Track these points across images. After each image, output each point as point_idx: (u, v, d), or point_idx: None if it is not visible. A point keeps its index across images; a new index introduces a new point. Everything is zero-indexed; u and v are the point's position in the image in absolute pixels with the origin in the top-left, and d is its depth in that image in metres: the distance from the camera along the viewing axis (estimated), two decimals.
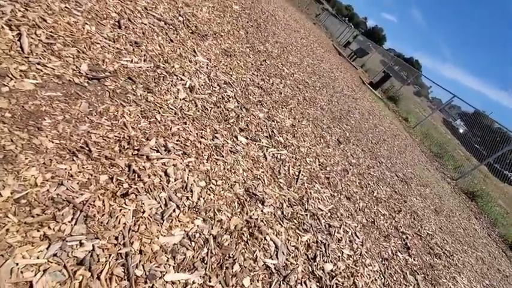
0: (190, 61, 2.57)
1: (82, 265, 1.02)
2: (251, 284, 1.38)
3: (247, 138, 2.30)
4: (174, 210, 1.40)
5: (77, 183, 1.21)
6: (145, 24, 2.46)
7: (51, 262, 0.98)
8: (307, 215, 2.06)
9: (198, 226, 1.42)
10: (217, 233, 1.46)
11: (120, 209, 1.24)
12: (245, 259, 1.46)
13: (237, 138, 2.22)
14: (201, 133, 1.98)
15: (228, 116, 2.36)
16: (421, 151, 8.45)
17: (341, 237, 2.14)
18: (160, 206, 1.37)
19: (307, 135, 3.18)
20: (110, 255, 1.09)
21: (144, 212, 1.29)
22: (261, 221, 1.72)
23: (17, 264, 0.92)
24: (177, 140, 1.77)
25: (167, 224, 1.33)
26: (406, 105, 13.77)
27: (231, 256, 1.42)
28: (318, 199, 2.33)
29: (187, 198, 1.50)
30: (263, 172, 2.11)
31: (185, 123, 1.95)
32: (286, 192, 2.11)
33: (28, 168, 1.13)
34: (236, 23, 4.43)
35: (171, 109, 1.95)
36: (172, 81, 2.18)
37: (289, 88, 3.96)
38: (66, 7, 1.88)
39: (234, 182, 1.83)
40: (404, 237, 2.92)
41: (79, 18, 1.91)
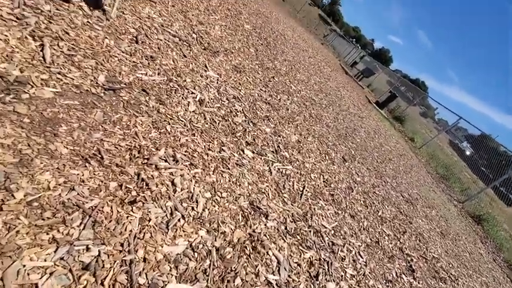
0: (201, 76, 2.66)
1: (87, 270, 1.04)
2: None
3: (253, 152, 2.34)
4: (179, 220, 1.42)
5: (88, 188, 1.25)
6: (161, 40, 2.58)
7: (57, 265, 0.99)
8: (310, 232, 2.05)
9: (202, 237, 1.43)
10: (220, 245, 1.46)
11: (127, 216, 1.26)
12: (247, 273, 1.45)
13: (244, 151, 2.25)
14: (209, 145, 2.02)
15: (236, 130, 2.41)
16: (427, 172, 8.34)
17: (344, 256, 2.11)
18: (166, 215, 1.39)
19: (312, 151, 3.19)
20: (115, 261, 1.11)
21: (150, 220, 1.31)
22: (264, 235, 1.71)
23: (24, 266, 0.94)
24: (185, 151, 1.81)
25: (172, 234, 1.34)
26: (412, 125, 13.72)
27: (233, 269, 1.41)
28: (322, 216, 2.32)
29: (192, 208, 1.52)
30: (268, 186, 2.12)
31: (194, 135, 1.99)
32: (290, 207, 2.11)
33: (42, 172, 1.18)
34: (247, 41, 4.58)
35: (181, 121, 2.01)
36: (183, 94, 2.26)
37: (296, 105, 4.02)
38: (88, 22, 2.00)
39: (239, 195, 1.84)
40: (409, 259, 2.84)
41: (99, 32, 2.02)
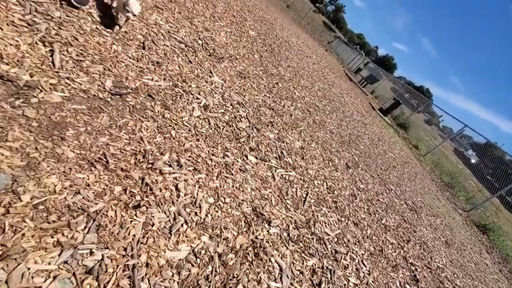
0: (206, 81, 2.69)
1: (90, 274, 1.04)
2: None
3: (256, 157, 2.34)
4: (182, 225, 1.42)
5: (93, 192, 1.26)
6: (167, 46, 2.62)
7: (61, 269, 1.00)
8: (313, 239, 2.04)
9: (205, 243, 1.43)
10: (222, 251, 1.46)
11: (131, 221, 1.27)
12: (249, 280, 1.44)
13: (247, 157, 2.26)
14: (213, 150, 2.03)
15: (239, 135, 2.42)
16: (432, 180, 8.25)
17: (347, 264, 2.09)
18: (169, 220, 1.39)
19: (315, 157, 3.19)
20: (118, 266, 1.11)
21: (154, 225, 1.32)
22: (267, 242, 1.71)
23: (29, 269, 0.95)
24: (189, 156, 1.82)
25: (174, 239, 1.34)
26: (417, 132, 13.63)
27: (235, 276, 1.41)
28: (325, 223, 2.30)
29: (195, 213, 1.52)
30: (271, 192, 2.12)
31: (198, 140, 2.01)
32: (293, 213, 2.10)
33: (49, 175, 1.19)
34: (251, 47, 4.63)
35: (186, 126, 2.03)
36: (188, 99, 2.28)
37: (299, 111, 4.03)
38: (96, 28, 2.04)
39: (242, 201, 1.84)
40: (413, 268, 2.80)
41: (108, 38, 2.06)
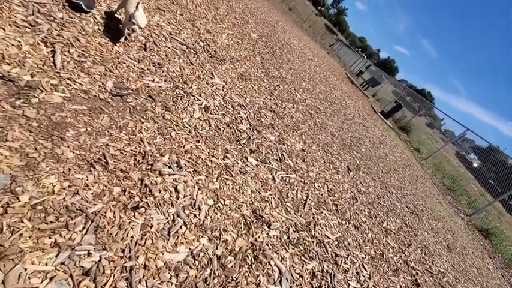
0: (207, 83, 2.69)
1: (87, 276, 1.03)
2: None
3: (257, 159, 2.33)
4: (181, 227, 1.41)
5: (91, 193, 1.25)
6: (168, 47, 2.62)
7: (58, 270, 0.99)
8: (313, 242, 2.02)
9: (203, 245, 1.42)
10: (221, 254, 1.45)
11: (129, 222, 1.26)
12: (248, 283, 1.43)
13: (247, 159, 2.25)
14: (213, 152, 2.02)
15: (240, 137, 2.42)
16: (433, 183, 8.21)
17: (348, 268, 2.07)
18: (168, 222, 1.38)
19: (316, 160, 3.18)
20: (115, 267, 1.10)
21: (152, 227, 1.31)
22: (266, 245, 1.69)
23: (26, 269, 0.94)
24: (189, 158, 1.82)
25: (173, 241, 1.33)
26: (418, 136, 13.59)
27: (234, 279, 1.39)
28: (325, 226, 2.29)
29: (194, 215, 1.51)
30: (271, 195, 2.11)
31: (198, 141, 2.00)
32: (293, 216, 2.09)
33: (48, 176, 1.19)
34: (253, 50, 4.64)
35: (186, 127, 2.02)
36: (189, 101, 2.28)
37: (301, 113, 4.03)
38: (98, 29, 2.05)
39: (242, 203, 1.83)
40: (414, 273, 2.77)
41: (109, 39, 2.07)
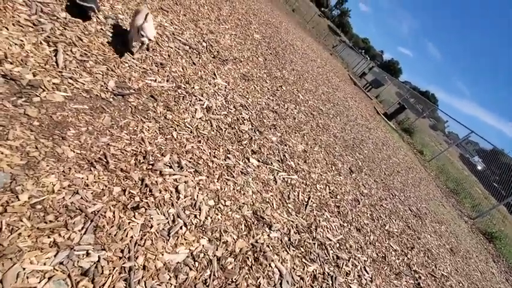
0: (209, 83, 2.69)
1: (86, 276, 1.02)
2: None
3: (258, 160, 2.32)
4: (181, 227, 1.40)
5: (91, 193, 1.25)
6: (171, 47, 2.62)
7: (56, 270, 0.99)
8: (314, 244, 2.00)
9: (203, 246, 1.41)
10: (221, 255, 1.44)
11: (129, 222, 1.25)
12: (248, 285, 1.41)
13: (249, 160, 2.23)
14: (214, 152, 2.01)
15: (242, 138, 2.40)
16: (436, 186, 8.13)
17: (349, 270, 2.04)
18: (168, 222, 1.37)
19: (318, 161, 3.16)
20: (114, 268, 1.09)
21: (152, 227, 1.30)
22: (267, 246, 1.68)
23: (24, 269, 0.94)
24: (191, 158, 1.81)
25: (173, 241, 1.32)
26: (421, 138, 13.47)
27: (234, 281, 1.38)
28: (327, 228, 2.26)
29: (195, 216, 1.50)
30: (272, 196, 2.09)
31: (199, 141, 1.99)
32: (294, 218, 2.07)
33: (48, 175, 1.18)
34: (256, 50, 4.63)
35: (188, 127, 2.02)
36: (191, 101, 2.27)
37: (303, 114, 4.01)
38: (101, 29, 2.05)
39: (243, 204, 1.82)
40: (417, 276, 2.74)
41: (112, 39, 2.07)
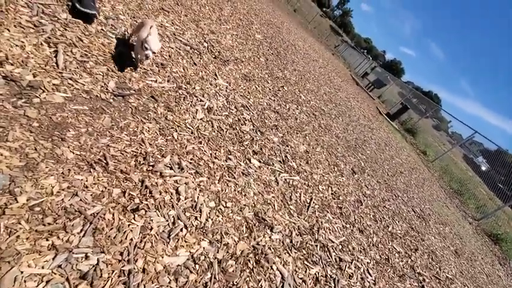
0: (210, 84, 2.67)
1: (84, 279, 1.01)
2: None
3: (260, 161, 2.30)
4: (182, 229, 1.38)
5: (91, 194, 1.23)
6: (172, 48, 2.61)
7: (55, 273, 0.97)
8: (317, 246, 1.97)
9: (204, 248, 1.39)
10: (222, 258, 1.42)
11: (128, 224, 1.24)
12: None
13: (250, 160, 2.21)
14: (215, 153, 1.99)
15: (243, 138, 2.39)
16: (440, 187, 8.06)
17: (352, 273, 2.02)
18: (168, 224, 1.36)
19: (320, 162, 3.13)
20: (113, 271, 1.08)
21: (152, 229, 1.29)
22: (269, 248, 1.65)
23: (22, 272, 0.92)
24: (191, 159, 1.79)
25: (173, 244, 1.31)
26: (425, 138, 13.39)
27: (235, 284, 1.36)
28: (329, 229, 2.24)
29: (195, 218, 1.48)
30: (274, 197, 2.07)
31: (200, 142, 1.98)
32: (296, 219, 2.05)
33: (47, 176, 1.17)
34: (257, 51, 4.61)
35: (188, 128, 2.00)
36: (192, 101, 2.26)
37: (305, 114, 3.98)
38: (102, 29, 2.04)
39: (244, 205, 1.80)
40: (421, 278, 2.70)
41: (112, 40, 2.06)
